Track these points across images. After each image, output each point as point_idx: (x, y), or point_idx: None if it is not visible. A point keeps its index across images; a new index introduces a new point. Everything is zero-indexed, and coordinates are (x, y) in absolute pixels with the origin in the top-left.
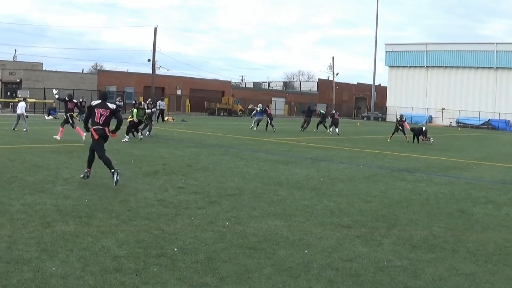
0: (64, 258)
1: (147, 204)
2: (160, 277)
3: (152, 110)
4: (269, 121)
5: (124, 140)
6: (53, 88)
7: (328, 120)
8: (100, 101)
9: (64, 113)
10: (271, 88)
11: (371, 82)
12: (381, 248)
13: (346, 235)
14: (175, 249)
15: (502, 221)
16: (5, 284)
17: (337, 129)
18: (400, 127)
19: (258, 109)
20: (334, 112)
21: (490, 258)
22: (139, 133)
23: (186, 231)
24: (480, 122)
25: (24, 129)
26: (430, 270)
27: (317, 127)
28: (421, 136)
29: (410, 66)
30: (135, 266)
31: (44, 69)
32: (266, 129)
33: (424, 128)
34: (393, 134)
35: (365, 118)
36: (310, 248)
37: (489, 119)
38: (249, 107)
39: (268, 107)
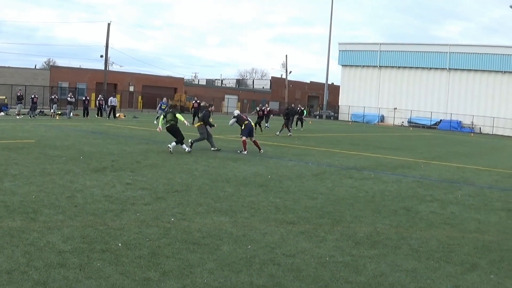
0: (9, 254)
1: (94, 200)
2: (103, 272)
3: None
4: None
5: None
6: None
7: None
8: None
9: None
10: (224, 86)
11: (324, 81)
12: (324, 244)
13: (290, 231)
14: (119, 244)
15: (447, 219)
16: None
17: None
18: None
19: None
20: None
21: (433, 255)
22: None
23: (131, 227)
24: (432, 122)
25: None
26: (372, 266)
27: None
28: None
29: (363, 66)
30: (79, 261)
31: None
32: None
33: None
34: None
35: (318, 117)
36: (253, 244)
37: (441, 120)
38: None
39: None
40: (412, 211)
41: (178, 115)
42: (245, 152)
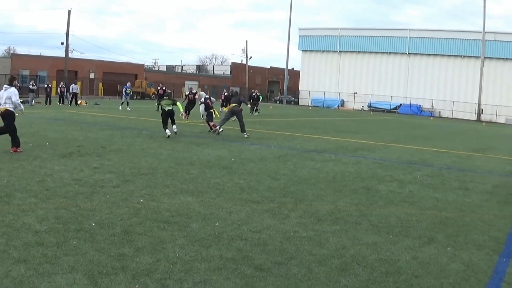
0: None
1: (64, 184)
2: (79, 249)
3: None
4: None
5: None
6: None
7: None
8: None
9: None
10: (184, 72)
11: (284, 66)
12: (288, 220)
13: (255, 209)
14: (93, 224)
15: (406, 198)
16: None
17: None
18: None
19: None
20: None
21: (392, 230)
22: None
23: (102, 208)
24: (392, 107)
25: None
26: (334, 240)
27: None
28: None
29: (323, 51)
30: (56, 240)
31: None
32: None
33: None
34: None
35: (278, 102)
36: (220, 221)
37: (401, 104)
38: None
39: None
40: (372, 190)
41: (178, 104)
42: (221, 129)
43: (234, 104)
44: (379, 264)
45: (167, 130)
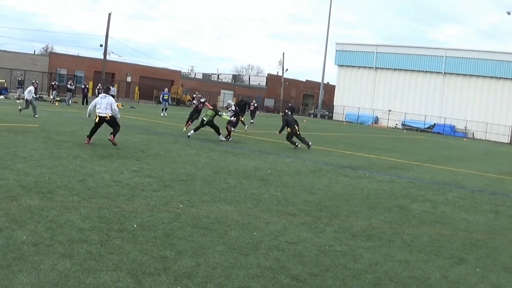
0: (32, 228)
1: (105, 185)
2: (123, 249)
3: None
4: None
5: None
6: None
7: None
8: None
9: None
10: (220, 80)
11: (320, 80)
12: (324, 234)
13: (292, 222)
14: (135, 225)
15: (438, 218)
16: None
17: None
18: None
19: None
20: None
21: (424, 249)
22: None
23: (143, 210)
24: (426, 126)
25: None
26: (368, 256)
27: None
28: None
29: (359, 67)
30: (99, 238)
31: None
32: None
33: None
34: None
35: (312, 116)
36: (258, 231)
37: (435, 123)
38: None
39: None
40: (405, 209)
41: (224, 116)
42: (230, 139)
43: (295, 127)
44: (411, 281)
45: (192, 131)
